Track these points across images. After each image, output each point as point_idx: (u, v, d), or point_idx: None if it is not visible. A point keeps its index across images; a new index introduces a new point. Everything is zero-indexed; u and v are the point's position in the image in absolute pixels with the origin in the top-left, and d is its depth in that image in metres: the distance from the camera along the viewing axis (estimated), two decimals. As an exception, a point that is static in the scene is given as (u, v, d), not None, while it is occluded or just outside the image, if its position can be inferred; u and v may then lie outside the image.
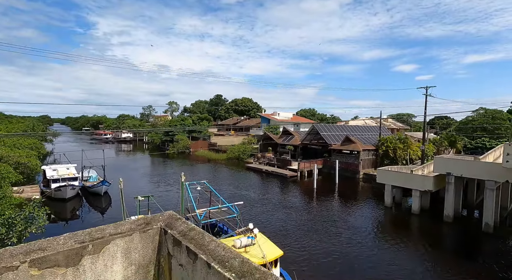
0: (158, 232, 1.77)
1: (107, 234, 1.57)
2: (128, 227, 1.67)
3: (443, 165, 19.85)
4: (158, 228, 1.77)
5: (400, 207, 24.48)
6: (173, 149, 59.45)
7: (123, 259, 1.61)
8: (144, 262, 1.72)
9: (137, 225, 1.73)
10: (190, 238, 1.58)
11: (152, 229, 1.75)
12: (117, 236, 1.59)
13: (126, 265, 1.63)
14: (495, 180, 16.88)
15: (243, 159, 49.75)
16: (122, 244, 1.60)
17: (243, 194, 27.53)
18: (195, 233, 1.62)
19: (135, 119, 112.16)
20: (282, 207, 23.89)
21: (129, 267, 1.64)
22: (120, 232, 1.63)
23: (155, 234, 1.76)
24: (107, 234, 1.57)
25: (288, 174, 36.81)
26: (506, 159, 13.37)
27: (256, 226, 18.76)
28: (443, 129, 72.10)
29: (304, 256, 14.93)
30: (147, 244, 1.73)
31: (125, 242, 1.61)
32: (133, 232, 1.66)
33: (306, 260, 14.58)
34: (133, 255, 1.66)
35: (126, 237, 1.62)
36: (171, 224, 1.77)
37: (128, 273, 1.64)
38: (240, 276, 1.20)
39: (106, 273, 1.55)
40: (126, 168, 40.75)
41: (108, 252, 1.55)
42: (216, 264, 1.31)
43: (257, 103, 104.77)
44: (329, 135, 41.28)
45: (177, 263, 1.58)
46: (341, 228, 19.21)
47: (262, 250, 10.60)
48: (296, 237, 17.30)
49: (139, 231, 1.70)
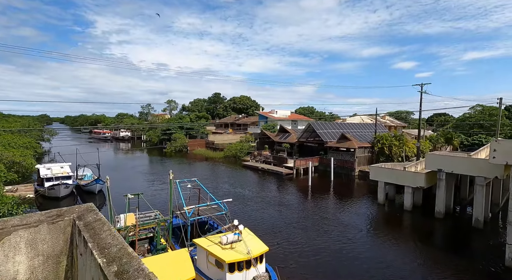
0: (70, 223, 1.81)
1: (9, 225, 1.61)
2: (36, 219, 1.71)
3: (434, 161, 19.90)
4: (71, 219, 1.81)
5: (393, 204, 24.56)
6: (171, 148, 59.51)
7: (28, 250, 1.65)
8: (54, 252, 1.76)
9: (46, 217, 1.77)
10: (91, 228, 1.62)
11: (63, 220, 1.79)
12: (20, 227, 1.63)
13: (32, 256, 1.67)
14: (484, 176, 16.93)
15: (240, 157, 49.84)
16: (27, 235, 1.65)
17: (237, 192, 27.68)
18: (97, 223, 1.66)
19: (133, 118, 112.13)
20: (275, 204, 23.99)
21: (36, 257, 1.69)
22: (25, 223, 1.66)
23: (67, 226, 1.80)
24: (9, 225, 1.61)
25: (284, 172, 36.89)
26: (492, 155, 13.40)
27: (247, 223, 18.89)
28: (440, 126, 72.12)
29: (293, 253, 15.02)
30: (58, 235, 1.77)
31: (30, 233, 1.66)
32: (40, 223, 1.70)
33: (294, 256, 14.67)
34: (40, 246, 1.70)
35: (31, 228, 1.66)
36: (82, 216, 1.81)
37: (34, 264, 1.68)
38: (110, 261, 1.24)
39: (7, 263, 1.59)
40: (123, 167, 40.84)
41: (9, 243, 1.59)
42: (97, 251, 1.35)
43: (256, 101, 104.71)
44: (325, 133, 41.30)
45: (78, 252, 1.63)
46: (333, 225, 19.30)
47: (247, 246, 10.69)
48: (287, 234, 17.40)
49: (48, 222, 1.74)
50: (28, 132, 48.64)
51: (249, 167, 41.86)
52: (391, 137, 38.38)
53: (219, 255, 10.31)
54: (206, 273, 10.99)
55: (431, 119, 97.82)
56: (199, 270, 11.24)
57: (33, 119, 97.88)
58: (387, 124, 63.67)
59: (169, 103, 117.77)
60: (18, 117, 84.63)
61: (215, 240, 11.25)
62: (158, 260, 10.14)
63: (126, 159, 51.99)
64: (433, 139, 46.56)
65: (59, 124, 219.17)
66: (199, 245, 11.20)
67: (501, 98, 26.66)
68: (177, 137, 60.69)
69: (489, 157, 14.27)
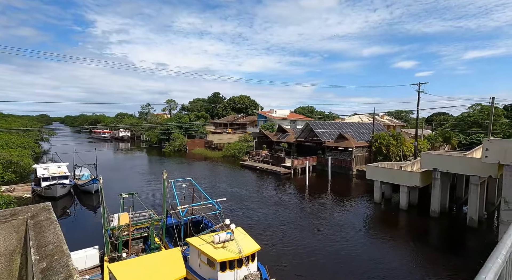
0: (24, 222, 1.86)
1: (-40, 224, 1.67)
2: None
3: (430, 161, 19.93)
4: (24, 219, 1.87)
5: (390, 203, 24.59)
6: (170, 148, 59.60)
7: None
8: (7, 251, 1.81)
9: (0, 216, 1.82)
10: (38, 227, 1.67)
11: (16, 219, 1.85)
12: (-31, 226, 1.68)
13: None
14: (479, 176, 16.96)
15: (238, 157, 49.90)
16: (-24, 234, 1.70)
17: (234, 192, 27.74)
18: (46, 222, 1.71)
19: (133, 117, 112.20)
20: (272, 204, 24.03)
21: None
22: (-25, 222, 1.72)
23: (21, 225, 1.86)
24: (-40, 224, 1.67)
25: (282, 172, 36.94)
26: (485, 155, 13.43)
27: (243, 223, 18.95)
28: (440, 125, 72.05)
29: (287, 253, 15.06)
30: (11, 234, 1.82)
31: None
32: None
33: (288, 257, 14.72)
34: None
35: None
36: (35, 215, 1.87)
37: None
38: (42, 258, 1.29)
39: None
40: (121, 167, 40.93)
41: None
42: (35, 248, 1.40)
43: (255, 100, 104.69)
44: (323, 132, 41.33)
45: (29, 250, 1.68)
46: (328, 224, 19.35)
47: (238, 245, 10.76)
48: (282, 234, 17.45)
49: (0, 221, 1.79)
50: (26, 132, 48.75)
51: (247, 167, 41.91)
52: (389, 136, 38.40)
53: (211, 254, 10.38)
54: (198, 272, 11.06)
55: (431, 119, 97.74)
56: (191, 269, 11.31)
57: (32, 119, 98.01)
58: (386, 123, 63.65)
59: (169, 103, 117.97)
60: (18, 117, 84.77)
61: (207, 239, 11.31)
62: (150, 259, 10.21)
63: (124, 159, 52.08)
64: (432, 138, 46.56)
65: (59, 124, 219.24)
66: (192, 244, 11.27)
67: (493, 98, 26.72)
68: (176, 137, 60.76)
69: (481, 156, 14.30)
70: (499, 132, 45.83)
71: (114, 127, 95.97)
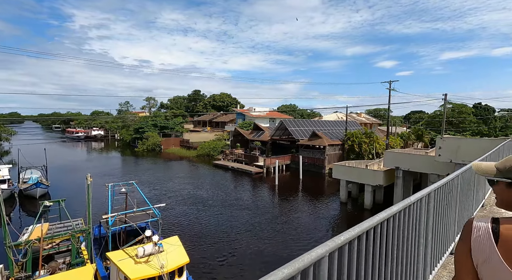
0: None
1: None
2: None
3: (392, 159, 19.43)
4: None
5: (356, 203, 24.05)
6: (142, 147, 57.09)
7: None
8: None
9: None
10: None
11: None
12: None
13: None
14: (438, 174, 16.53)
15: (213, 156, 48.40)
16: None
17: (196, 194, 26.17)
18: None
19: (109, 115, 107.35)
20: (234, 207, 22.66)
21: None
22: None
23: None
24: None
25: (254, 171, 35.86)
26: (438, 153, 12.85)
27: (193, 230, 17.58)
28: (416, 123, 73.60)
29: (237, 263, 13.91)
30: None
31: None
32: None
33: (229, 263, 13.57)
34: None
35: None
36: None
37: None
38: None
39: None
40: (81, 168, 38.25)
41: None
42: None
43: (236, 98, 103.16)
44: (297, 130, 40.61)
45: None
46: (286, 228, 18.30)
47: (160, 260, 9.43)
48: (235, 242, 16.22)
49: None
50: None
51: (219, 166, 40.53)
52: (361, 134, 38.21)
53: (126, 271, 9.00)
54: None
55: (408, 116, 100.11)
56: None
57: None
58: (362, 121, 64.09)
59: (148, 100, 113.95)
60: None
61: (131, 253, 9.90)
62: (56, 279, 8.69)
63: (90, 160, 48.99)
64: (405, 136, 47.05)
65: (32, 122, 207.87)
66: (110, 259, 9.82)
67: (445, 94, 26.85)
68: (150, 136, 58.27)
69: (435, 154, 13.75)
70: (468, 129, 47.00)
71: (85, 126, 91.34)
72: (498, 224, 1.16)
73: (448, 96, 27.43)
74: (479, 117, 50.97)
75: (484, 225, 1.17)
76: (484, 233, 1.15)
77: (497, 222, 1.17)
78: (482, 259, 1.13)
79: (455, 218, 4.12)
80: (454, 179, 3.84)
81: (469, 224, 1.23)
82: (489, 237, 1.13)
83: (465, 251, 1.20)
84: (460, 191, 4.17)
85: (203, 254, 14.39)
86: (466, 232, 1.22)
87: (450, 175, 3.59)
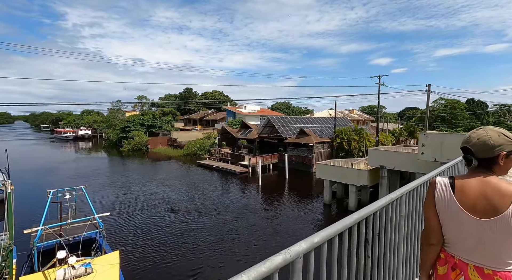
0: None
1: None
2: None
3: (376, 158, 17.99)
4: None
5: (341, 204, 22.63)
6: (128, 146, 55.21)
7: None
8: None
9: None
10: None
11: None
12: None
13: None
14: (423, 173, 15.09)
15: (200, 155, 46.78)
16: None
17: (170, 198, 24.18)
18: None
19: (99, 114, 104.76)
20: (208, 212, 20.60)
21: None
22: None
23: None
24: None
25: (238, 171, 34.32)
26: (421, 151, 11.42)
27: (157, 239, 15.84)
28: (409, 119, 72.52)
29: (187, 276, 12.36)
30: None
31: None
32: None
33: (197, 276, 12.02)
34: None
35: None
36: None
37: None
38: None
39: None
40: (58, 170, 36.36)
41: None
42: None
43: (228, 96, 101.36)
44: (284, 128, 39.08)
45: None
46: (262, 235, 16.78)
47: (85, 284, 7.86)
48: (196, 252, 14.63)
49: None
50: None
51: (203, 166, 38.90)
52: (351, 131, 36.79)
53: (37, 301, 7.40)
54: None
55: (403, 113, 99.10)
56: None
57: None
58: (355, 118, 62.76)
59: (140, 99, 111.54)
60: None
61: (51, 277, 8.29)
62: None
63: (72, 160, 46.89)
64: (396, 132, 45.78)
65: (22, 122, 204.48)
66: (25, 285, 8.21)
67: (429, 85, 25.42)
68: (135, 135, 56.38)
69: (418, 152, 12.31)
70: (460, 125, 45.87)
71: (73, 125, 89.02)
72: (453, 179, 1.55)
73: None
74: (471, 112, 49.91)
75: (444, 180, 1.58)
76: (444, 186, 1.56)
77: (452, 178, 1.56)
78: (444, 206, 1.53)
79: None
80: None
81: (433, 181, 1.62)
82: (447, 188, 1.54)
83: (431, 201, 1.59)
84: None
85: (157, 272, 12.72)
86: (431, 186, 1.61)
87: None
